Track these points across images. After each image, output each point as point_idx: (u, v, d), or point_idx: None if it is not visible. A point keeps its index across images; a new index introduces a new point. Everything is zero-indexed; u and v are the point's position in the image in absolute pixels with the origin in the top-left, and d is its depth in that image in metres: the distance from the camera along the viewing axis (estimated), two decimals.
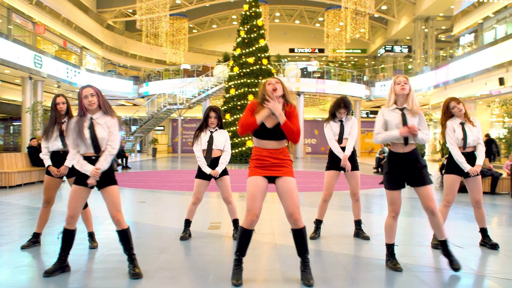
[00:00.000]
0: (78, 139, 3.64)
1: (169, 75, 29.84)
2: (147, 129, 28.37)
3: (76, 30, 30.62)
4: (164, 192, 9.70)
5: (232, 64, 22.97)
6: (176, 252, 4.59)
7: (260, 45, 22.16)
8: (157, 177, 13.55)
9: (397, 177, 3.90)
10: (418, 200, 8.97)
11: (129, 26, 40.58)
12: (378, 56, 39.86)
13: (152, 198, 8.74)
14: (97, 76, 27.61)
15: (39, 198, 8.37)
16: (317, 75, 28.59)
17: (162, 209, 7.45)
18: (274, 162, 3.56)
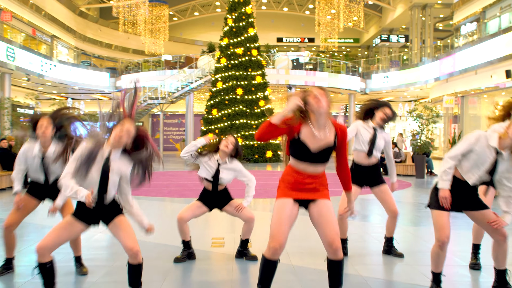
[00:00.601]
0: (83, 172, 3.22)
1: (149, 66, 29.29)
2: None
3: (46, 18, 29.80)
4: (149, 199, 9.28)
5: (218, 55, 22.58)
6: (174, 278, 4.22)
7: (249, 34, 21.82)
8: None
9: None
10: None
11: (104, 13, 39.74)
12: (372, 46, 39.75)
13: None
14: (70, 67, 26.92)
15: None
16: (309, 67, 28.29)
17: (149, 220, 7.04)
18: (312, 186, 3.27)
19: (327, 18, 34.79)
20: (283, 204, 3.23)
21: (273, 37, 41.89)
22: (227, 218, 7.09)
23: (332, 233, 3.18)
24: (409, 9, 32.13)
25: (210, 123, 21.44)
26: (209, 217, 7.12)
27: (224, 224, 6.88)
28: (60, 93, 30.86)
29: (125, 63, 31.35)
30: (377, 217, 7.61)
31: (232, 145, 4.62)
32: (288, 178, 3.28)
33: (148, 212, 7.87)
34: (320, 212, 3.24)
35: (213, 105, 21.65)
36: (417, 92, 29.60)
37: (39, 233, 6.12)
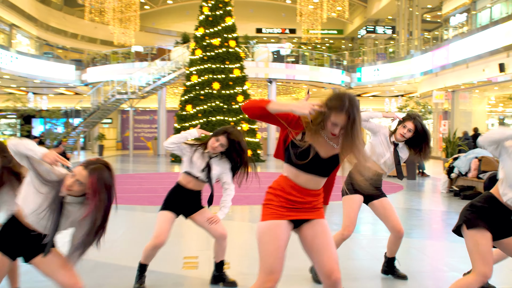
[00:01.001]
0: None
1: (118, 58, 28.48)
2: (92, 123, 26.98)
3: (4, 4, 28.68)
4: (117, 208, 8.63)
5: (193, 46, 21.95)
6: None
7: (226, 24, 21.25)
8: None
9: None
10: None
11: (69, 0, 38.63)
12: (357, 38, 39.53)
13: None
14: (30, 59, 25.97)
15: None
16: (290, 59, 27.89)
17: (111, 235, 6.43)
18: (311, 205, 2.78)
19: (310, 8, 34.43)
20: (278, 228, 2.72)
21: (252, 28, 41.31)
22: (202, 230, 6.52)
23: (331, 261, 2.72)
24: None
25: (184, 120, 20.82)
26: (181, 229, 6.54)
27: (198, 238, 6.31)
28: (19, 87, 29.86)
29: (91, 54, 30.51)
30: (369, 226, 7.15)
31: (221, 147, 4.04)
32: (283, 195, 2.76)
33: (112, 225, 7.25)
34: (316, 234, 2.77)
35: (187, 101, 21.05)
36: (404, 86, 29.43)
37: None
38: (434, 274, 4.79)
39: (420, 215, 8.30)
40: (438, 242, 6.36)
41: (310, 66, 27.69)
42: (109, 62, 28.19)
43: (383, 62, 28.27)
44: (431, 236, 6.74)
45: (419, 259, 5.34)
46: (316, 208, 2.79)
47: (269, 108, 2.58)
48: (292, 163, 2.70)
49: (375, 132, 4.50)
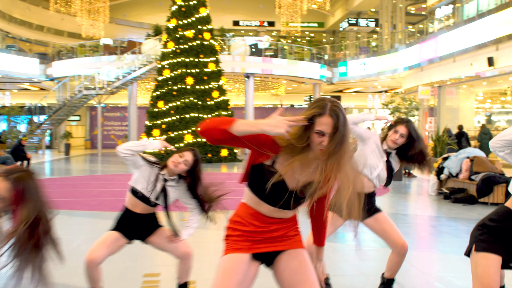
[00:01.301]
0: None
1: (85, 52, 27.72)
2: (58, 120, 26.20)
3: None
4: (74, 214, 8.05)
5: (165, 38, 21.38)
6: None
7: (200, 15, 20.77)
8: (67, 187, 11.76)
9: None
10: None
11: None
12: (338, 31, 39.30)
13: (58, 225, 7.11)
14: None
15: None
16: (269, 53, 27.47)
17: (65, 247, 5.85)
18: (279, 234, 2.36)
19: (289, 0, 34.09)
20: (233, 263, 2.27)
21: (229, 20, 40.84)
22: None
23: None
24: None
25: (156, 117, 20.21)
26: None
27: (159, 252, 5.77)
28: None
29: (57, 47, 29.62)
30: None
31: (185, 165, 3.53)
32: (242, 227, 2.36)
33: (66, 235, 6.65)
34: (292, 267, 2.32)
35: (159, 97, 20.48)
36: (388, 82, 29.24)
37: None
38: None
39: (408, 220, 7.90)
40: (428, 253, 5.95)
41: (288, 60, 27.27)
42: (76, 56, 27.44)
43: (367, 56, 28.01)
44: (420, 246, 6.31)
45: (408, 272, 4.87)
46: (289, 237, 2.35)
47: (233, 130, 2.08)
48: (253, 188, 2.28)
49: (365, 140, 4.01)
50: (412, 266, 5.10)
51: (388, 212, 8.20)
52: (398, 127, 3.86)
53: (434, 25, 25.43)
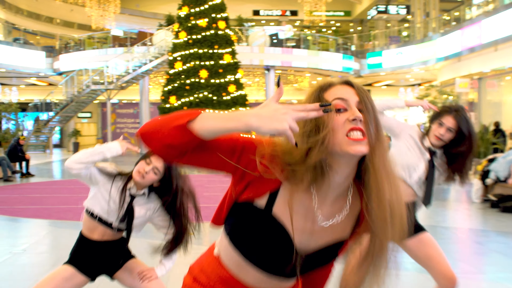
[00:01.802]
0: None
1: (93, 44, 27.69)
2: (66, 117, 26.18)
3: None
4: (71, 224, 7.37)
5: (177, 28, 21.08)
6: None
7: (214, 2, 20.51)
8: (67, 191, 11.14)
9: None
10: None
11: None
12: (366, 20, 38.60)
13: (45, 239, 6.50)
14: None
15: None
16: (291, 44, 26.97)
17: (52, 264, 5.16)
18: None
19: None
20: None
21: (249, 10, 40.55)
22: None
23: None
24: None
25: (168, 113, 19.82)
26: None
27: None
28: None
29: (64, 39, 29.59)
30: None
31: (155, 174, 2.76)
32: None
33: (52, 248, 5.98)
34: None
35: (170, 91, 20.29)
36: (422, 74, 28.51)
37: None
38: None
39: (447, 235, 7.04)
40: (475, 281, 5.07)
41: (309, 51, 26.72)
42: (84, 48, 27.44)
43: (398, 45, 27.36)
44: (464, 269, 5.43)
45: None
46: None
47: (197, 128, 1.26)
48: (237, 241, 1.47)
49: (397, 133, 3.22)
50: None
51: (424, 224, 7.36)
52: (444, 118, 3.05)
53: (471, 12, 24.58)
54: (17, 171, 14.67)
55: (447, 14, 27.67)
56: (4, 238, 6.86)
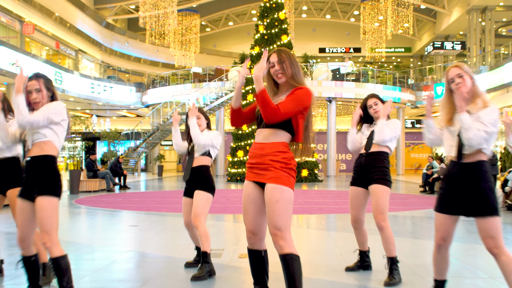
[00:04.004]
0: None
1: (177, 80, 29.93)
2: (152, 144, 28.40)
3: (71, 30, 31.14)
4: (162, 215, 9.47)
5: (249, 65, 22.80)
6: (161, 284, 4.30)
7: (282, 42, 21.98)
8: (158, 198, 13.37)
9: (444, 196, 3.37)
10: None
11: (132, 24, 41.10)
12: (425, 55, 39.35)
13: (147, 221, 8.53)
14: (94, 81, 27.90)
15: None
16: (351, 78, 28.19)
17: (156, 233, 7.22)
18: (257, 161, 3.11)
19: (374, 25, 34.74)
20: (244, 189, 3.25)
21: (315, 47, 42.03)
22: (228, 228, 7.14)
23: (270, 225, 3.05)
24: (467, 13, 31.68)
25: (240, 139, 21.67)
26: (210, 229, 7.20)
27: (229, 237, 6.94)
28: (84, 109, 31.96)
29: (151, 77, 32.15)
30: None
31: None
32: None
33: (154, 226, 8.03)
34: (265, 199, 3.11)
35: None
36: None
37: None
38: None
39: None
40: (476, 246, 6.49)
41: (356, 83, 27.58)
42: (168, 84, 29.65)
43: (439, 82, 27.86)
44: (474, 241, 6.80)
45: None
46: (266, 170, 3.09)
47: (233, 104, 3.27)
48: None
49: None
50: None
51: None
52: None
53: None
54: (117, 183, 16.98)
55: (504, 48, 27.75)
56: (123, 222, 9.01)
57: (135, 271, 4.93)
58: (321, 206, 11.16)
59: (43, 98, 3.38)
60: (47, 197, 3.26)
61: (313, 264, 5.09)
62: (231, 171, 21.75)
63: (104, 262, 5.19)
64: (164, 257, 5.46)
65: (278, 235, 2.95)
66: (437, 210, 3.39)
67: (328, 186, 19.21)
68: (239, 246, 6.07)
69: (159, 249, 5.99)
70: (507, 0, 30.41)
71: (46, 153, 3.34)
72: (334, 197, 13.75)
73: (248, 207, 3.12)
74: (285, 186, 3.00)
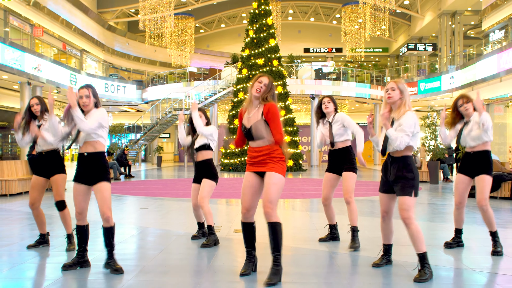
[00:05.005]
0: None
1: (174, 78, 30.54)
2: (151, 137, 29.03)
3: (76, 32, 31.61)
4: (167, 199, 10.29)
5: (240, 66, 23.59)
6: (175, 251, 5.14)
7: (270, 45, 22.74)
8: (160, 185, 14.17)
9: (383, 180, 4.31)
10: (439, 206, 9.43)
11: (132, 27, 41.57)
12: (400, 55, 40.24)
13: (155, 205, 9.32)
14: (98, 80, 28.47)
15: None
16: (333, 77, 29.02)
17: (163, 214, 8.04)
18: (261, 159, 3.98)
19: (354, 28, 35.56)
20: (245, 177, 4.10)
21: (300, 48, 42.83)
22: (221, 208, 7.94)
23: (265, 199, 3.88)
24: (438, 17, 32.52)
25: (233, 133, 22.44)
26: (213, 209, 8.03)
27: (231, 216, 7.78)
28: None
29: (151, 75, 32.74)
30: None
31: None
32: (248, 155, 4.16)
33: (162, 208, 8.85)
34: (265, 182, 3.96)
35: (235, 115, 22.62)
36: (446, 100, 29.83)
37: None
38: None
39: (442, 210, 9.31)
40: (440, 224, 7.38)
41: (332, 81, 28.43)
42: (166, 82, 30.31)
43: (426, 77, 28.78)
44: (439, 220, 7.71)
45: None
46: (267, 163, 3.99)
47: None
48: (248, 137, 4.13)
49: None
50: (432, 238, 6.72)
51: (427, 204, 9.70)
52: None
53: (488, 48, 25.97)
54: (123, 173, 17.70)
55: (472, 49, 28.53)
56: (133, 205, 9.81)
57: (153, 242, 5.76)
58: (304, 192, 12.04)
59: (90, 102, 4.21)
60: (104, 182, 4.17)
61: (295, 236, 5.96)
62: (224, 161, 22.54)
63: (126, 236, 6.02)
64: (173, 231, 6.28)
65: (269, 207, 3.85)
66: (379, 191, 4.33)
67: (311, 175, 20.06)
68: (233, 223, 6.91)
69: (166, 226, 6.82)
70: (475, 5, 31.27)
71: (98, 150, 4.20)
72: (315, 184, 14.61)
73: (247, 190, 4.02)
74: (280, 174, 3.93)
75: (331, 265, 4.57)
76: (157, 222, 7.22)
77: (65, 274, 4.13)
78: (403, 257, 4.77)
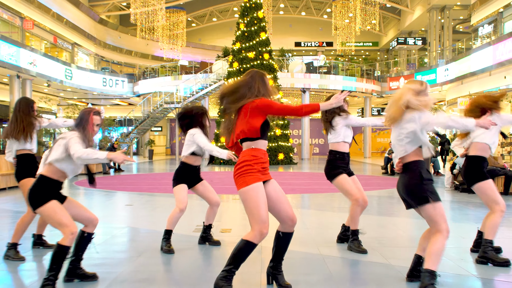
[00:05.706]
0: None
1: (165, 72, 30.03)
2: (143, 130, 28.58)
3: (67, 26, 30.91)
4: (154, 195, 9.86)
5: (231, 59, 23.15)
6: (154, 255, 4.71)
7: (261, 38, 22.32)
8: (150, 180, 13.73)
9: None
10: None
11: (124, 20, 40.85)
12: (390, 49, 39.91)
13: (141, 201, 8.90)
14: (90, 74, 27.89)
15: (24, 202, 8.54)
16: (323, 70, 28.67)
17: (150, 211, 7.61)
18: (267, 165, 3.55)
19: (345, 22, 35.14)
20: (261, 189, 3.37)
21: (291, 42, 42.40)
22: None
23: (291, 209, 3.56)
24: (428, 11, 32.18)
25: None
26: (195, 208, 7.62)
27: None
28: (80, 98, 31.89)
29: (142, 68, 32.22)
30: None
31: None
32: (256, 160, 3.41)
33: (148, 205, 8.42)
34: (277, 189, 3.53)
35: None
36: (435, 94, 29.61)
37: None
38: (401, 240, 5.59)
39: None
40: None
41: (321, 75, 28.07)
42: (158, 75, 29.79)
43: (415, 71, 28.49)
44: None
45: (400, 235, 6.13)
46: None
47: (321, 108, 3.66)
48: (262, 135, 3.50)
49: None
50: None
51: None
52: None
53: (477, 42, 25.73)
54: (112, 167, 17.23)
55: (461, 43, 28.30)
56: (119, 202, 9.37)
57: (132, 244, 5.34)
58: (294, 187, 11.64)
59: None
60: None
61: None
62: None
63: (106, 236, 5.59)
64: (156, 232, 5.85)
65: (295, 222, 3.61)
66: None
67: (302, 168, 19.71)
68: (220, 222, 6.50)
69: (151, 225, 6.40)
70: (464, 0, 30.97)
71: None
72: (306, 179, 14.25)
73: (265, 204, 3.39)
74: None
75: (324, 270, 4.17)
76: (141, 221, 6.81)
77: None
78: (398, 261, 4.38)
